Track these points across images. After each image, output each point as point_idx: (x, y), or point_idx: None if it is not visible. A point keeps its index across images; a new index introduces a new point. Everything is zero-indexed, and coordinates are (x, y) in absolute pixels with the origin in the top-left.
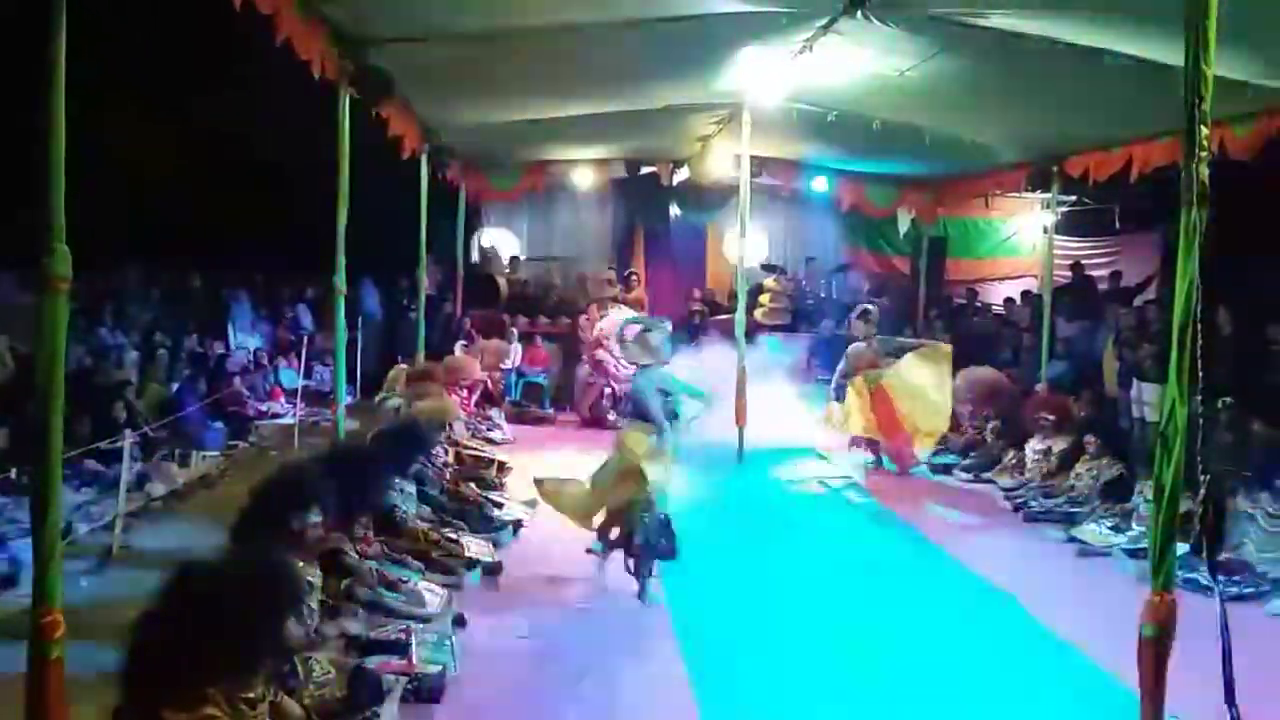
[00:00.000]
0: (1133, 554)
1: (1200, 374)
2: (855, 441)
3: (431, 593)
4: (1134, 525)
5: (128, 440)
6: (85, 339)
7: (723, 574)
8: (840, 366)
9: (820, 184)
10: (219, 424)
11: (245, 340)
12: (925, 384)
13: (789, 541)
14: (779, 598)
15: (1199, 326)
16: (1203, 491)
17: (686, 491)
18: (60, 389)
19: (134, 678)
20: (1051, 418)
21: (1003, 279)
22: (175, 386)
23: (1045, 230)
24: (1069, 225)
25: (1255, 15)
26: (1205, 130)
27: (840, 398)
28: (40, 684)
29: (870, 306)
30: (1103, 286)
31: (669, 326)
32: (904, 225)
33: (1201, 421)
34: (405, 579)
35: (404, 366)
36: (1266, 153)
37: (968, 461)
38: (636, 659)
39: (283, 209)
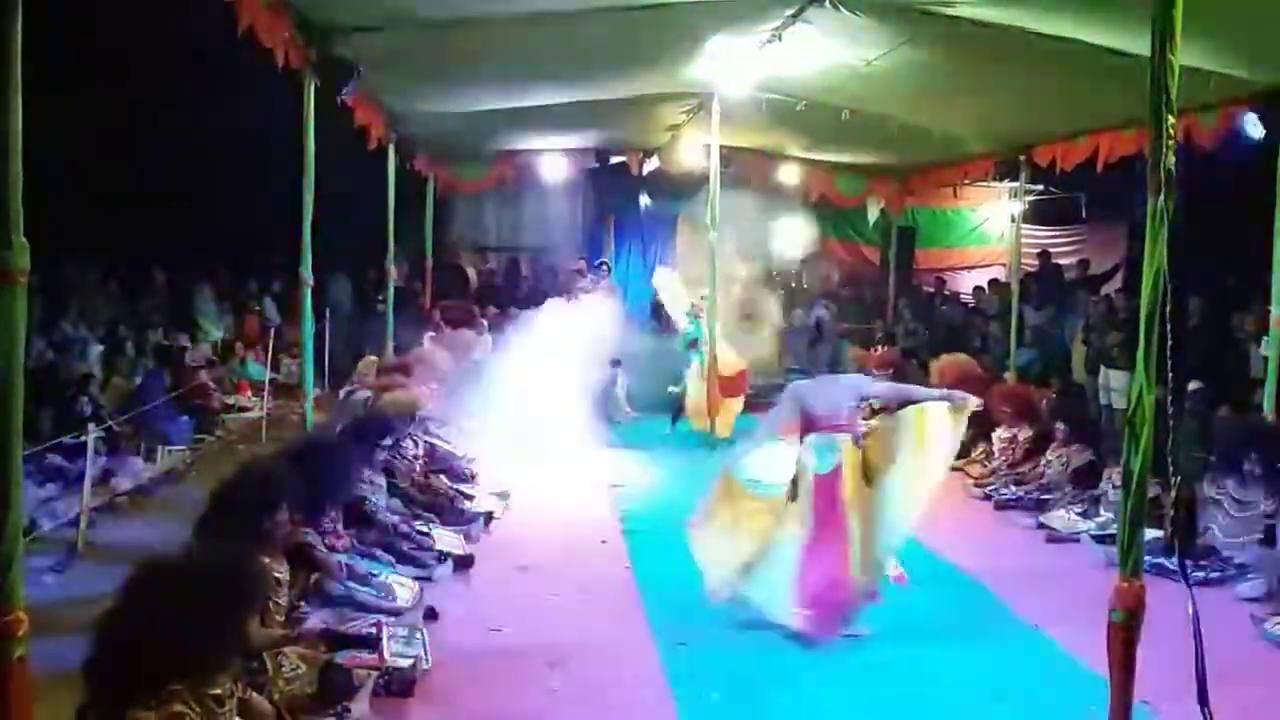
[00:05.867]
0: (1101, 540)
1: (1167, 361)
2: None
3: (402, 586)
4: (1102, 511)
5: (92, 435)
6: (47, 333)
7: (694, 565)
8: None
9: (790, 173)
10: (185, 418)
11: (211, 333)
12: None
13: None
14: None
15: (1166, 314)
16: (1174, 493)
17: (659, 482)
18: (20, 383)
19: (99, 676)
20: (1009, 410)
21: (971, 268)
22: (139, 380)
23: (1013, 219)
24: (1036, 214)
25: (1220, 4)
26: (1171, 119)
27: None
28: (3, 684)
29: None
30: (1070, 275)
31: None
32: (873, 215)
33: (1169, 409)
34: (375, 573)
35: (374, 359)
36: (1231, 141)
37: None
38: (610, 651)
39: (248, 201)
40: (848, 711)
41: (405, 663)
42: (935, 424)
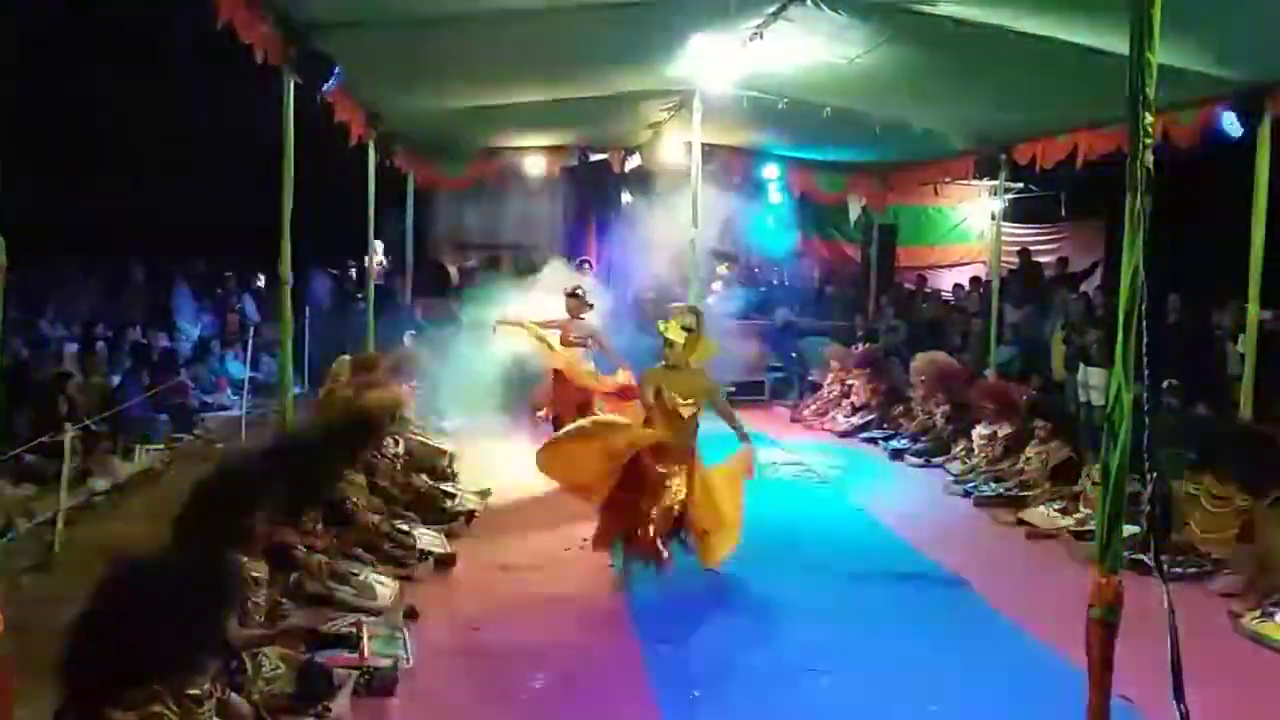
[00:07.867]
0: (1080, 536)
1: (1145, 358)
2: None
3: (382, 585)
4: (1081, 508)
5: (69, 434)
6: (23, 331)
7: (680, 563)
8: None
9: (771, 171)
10: (163, 416)
11: (189, 331)
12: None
13: (748, 529)
14: (738, 586)
15: (1144, 311)
16: (1151, 490)
17: None
18: None
19: (77, 676)
20: (991, 405)
21: (951, 266)
22: (117, 379)
23: (993, 217)
24: (1016, 212)
25: (1199, 3)
26: (1149, 118)
27: None
28: None
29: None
30: (1049, 272)
31: None
32: (854, 213)
33: (1147, 407)
34: (355, 572)
35: (347, 358)
36: (1209, 140)
37: (919, 446)
38: (592, 649)
39: (227, 198)
40: (828, 708)
41: (386, 662)
42: None
